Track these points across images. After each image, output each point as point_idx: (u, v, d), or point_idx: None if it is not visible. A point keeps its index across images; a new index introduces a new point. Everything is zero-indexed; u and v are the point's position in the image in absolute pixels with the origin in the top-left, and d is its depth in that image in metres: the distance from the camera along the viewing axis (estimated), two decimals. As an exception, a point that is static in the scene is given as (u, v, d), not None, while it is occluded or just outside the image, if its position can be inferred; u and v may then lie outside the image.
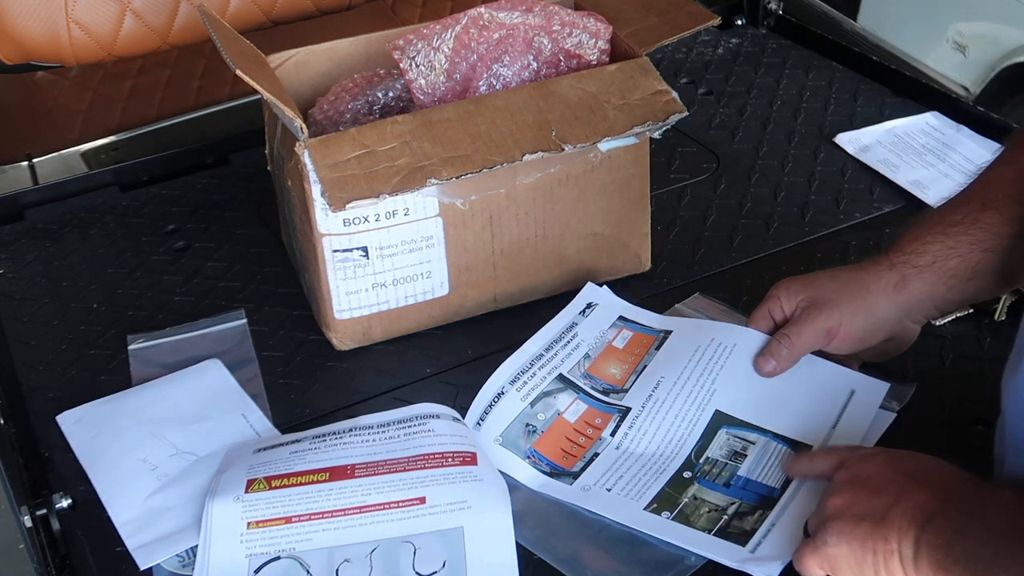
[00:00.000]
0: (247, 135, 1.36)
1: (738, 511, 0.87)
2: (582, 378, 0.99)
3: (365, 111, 1.08)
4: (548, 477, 0.92)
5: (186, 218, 1.29)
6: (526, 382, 0.98)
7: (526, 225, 1.07)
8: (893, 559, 0.73)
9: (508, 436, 0.94)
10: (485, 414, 0.95)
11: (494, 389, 0.97)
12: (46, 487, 0.93)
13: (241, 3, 1.51)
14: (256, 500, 0.86)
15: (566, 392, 0.98)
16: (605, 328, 1.04)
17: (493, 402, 0.96)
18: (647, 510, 0.88)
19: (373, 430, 0.92)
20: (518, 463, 0.93)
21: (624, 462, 0.92)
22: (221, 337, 1.10)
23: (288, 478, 0.87)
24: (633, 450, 0.93)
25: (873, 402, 0.93)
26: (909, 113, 1.40)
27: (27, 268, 1.23)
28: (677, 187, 1.29)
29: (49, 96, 1.75)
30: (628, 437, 0.94)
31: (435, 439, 0.91)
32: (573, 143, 1.00)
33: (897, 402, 0.95)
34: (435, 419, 0.93)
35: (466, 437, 0.92)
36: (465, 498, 0.86)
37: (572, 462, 0.93)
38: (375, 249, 1.02)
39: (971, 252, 0.90)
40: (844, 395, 0.94)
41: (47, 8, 1.41)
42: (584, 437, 0.95)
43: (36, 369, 1.08)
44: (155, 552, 0.87)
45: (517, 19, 1.07)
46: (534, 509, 0.89)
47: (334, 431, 0.93)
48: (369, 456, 0.89)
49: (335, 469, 0.88)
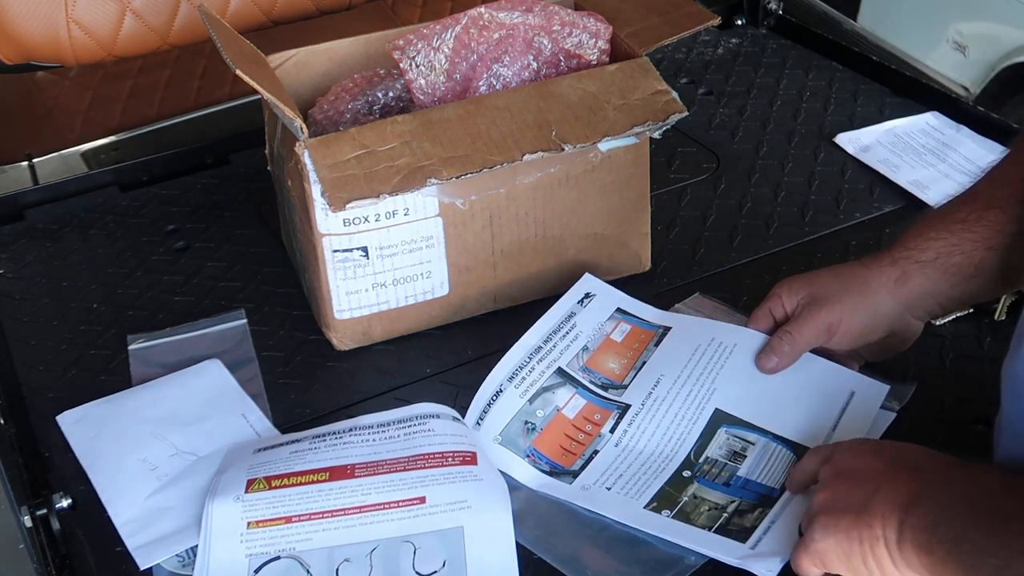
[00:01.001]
0: (247, 135, 1.36)
1: (738, 509, 0.87)
2: (580, 371, 0.99)
3: (365, 111, 1.08)
4: (548, 476, 0.92)
5: (186, 218, 1.29)
6: (524, 377, 0.98)
7: (526, 225, 1.07)
8: (879, 545, 0.73)
9: (507, 435, 0.94)
10: (484, 413, 0.95)
11: (492, 387, 0.97)
12: (46, 487, 0.93)
13: (241, 3, 1.51)
14: (256, 500, 0.86)
15: (565, 387, 0.98)
16: (603, 320, 1.04)
17: (492, 400, 0.96)
18: (647, 508, 0.88)
19: (373, 430, 0.92)
20: (518, 463, 0.93)
21: (624, 460, 0.92)
22: (221, 337, 1.10)
23: (288, 478, 0.87)
24: (632, 447, 0.93)
25: (873, 403, 0.93)
26: (909, 113, 1.40)
27: (27, 268, 1.23)
28: (677, 187, 1.29)
29: (49, 96, 1.75)
30: (627, 435, 0.94)
31: (435, 438, 0.91)
32: (573, 143, 1.00)
33: (897, 402, 0.95)
34: (435, 419, 0.93)
35: (466, 437, 0.92)
36: (465, 498, 0.86)
37: (572, 460, 0.93)
38: (375, 249, 1.02)
39: (975, 249, 0.90)
40: (844, 396, 0.94)
41: (47, 8, 1.41)
42: (583, 434, 0.95)
43: (36, 369, 1.08)
44: (155, 552, 0.87)
45: (517, 19, 1.07)
46: (534, 509, 0.89)
47: (334, 431, 0.93)
48: (369, 456, 0.89)
49: (335, 469, 0.88)
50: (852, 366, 0.97)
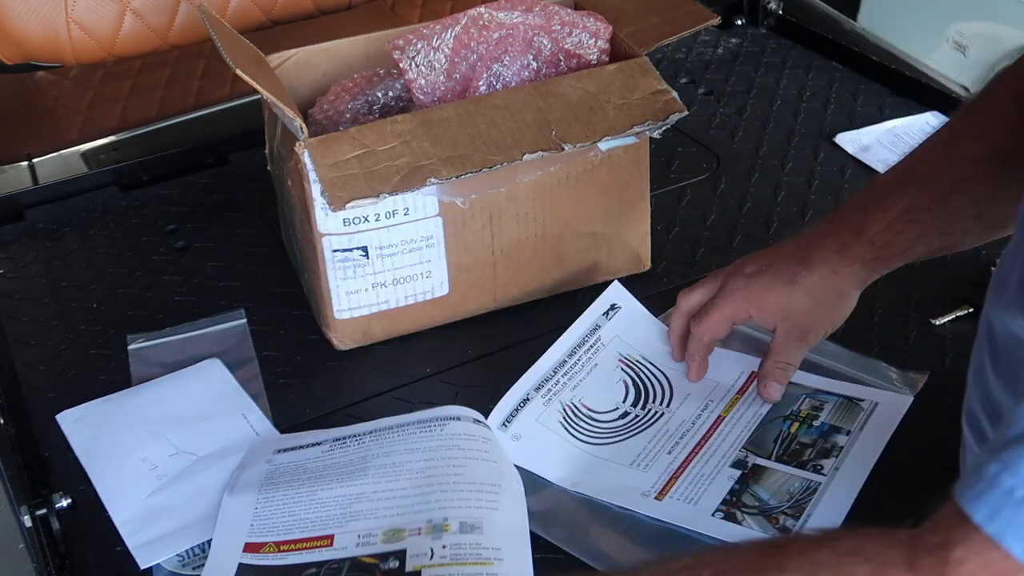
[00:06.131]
0: (247, 135, 1.36)
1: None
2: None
3: (365, 111, 1.08)
4: (584, 445, 0.92)
5: (186, 218, 1.29)
6: (550, 389, 0.97)
7: (526, 225, 1.07)
8: None
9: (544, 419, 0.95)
10: (511, 417, 0.95)
11: (520, 395, 0.96)
12: (46, 487, 0.93)
13: (241, 3, 1.51)
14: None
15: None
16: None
17: (519, 407, 0.95)
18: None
19: (393, 431, 0.92)
20: (550, 445, 0.92)
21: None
22: (221, 337, 1.10)
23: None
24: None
25: (895, 415, 0.93)
26: (909, 113, 1.40)
27: (27, 268, 1.23)
28: (677, 187, 1.29)
29: (49, 96, 1.75)
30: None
31: (456, 441, 0.90)
32: (573, 143, 1.00)
33: (910, 389, 0.96)
34: (455, 421, 0.92)
35: (488, 441, 0.91)
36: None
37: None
38: (375, 249, 1.02)
39: (938, 238, 0.90)
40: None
41: (47, 8, 1.41)
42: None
43: (36, 369, 1.08)
44: (155, 551, 0.87)
45: (517, 19, 1.07)
46: (561, 507, 0.89)
47: (355, 433, 0.93)
48: (387, 467, 0.88)
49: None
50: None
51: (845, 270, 0.92)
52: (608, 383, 0.99)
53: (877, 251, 0.91)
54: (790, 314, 0.93)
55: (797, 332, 0.94)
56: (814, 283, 0.92)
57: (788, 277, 0.93)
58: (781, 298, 0.93)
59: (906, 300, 1.09)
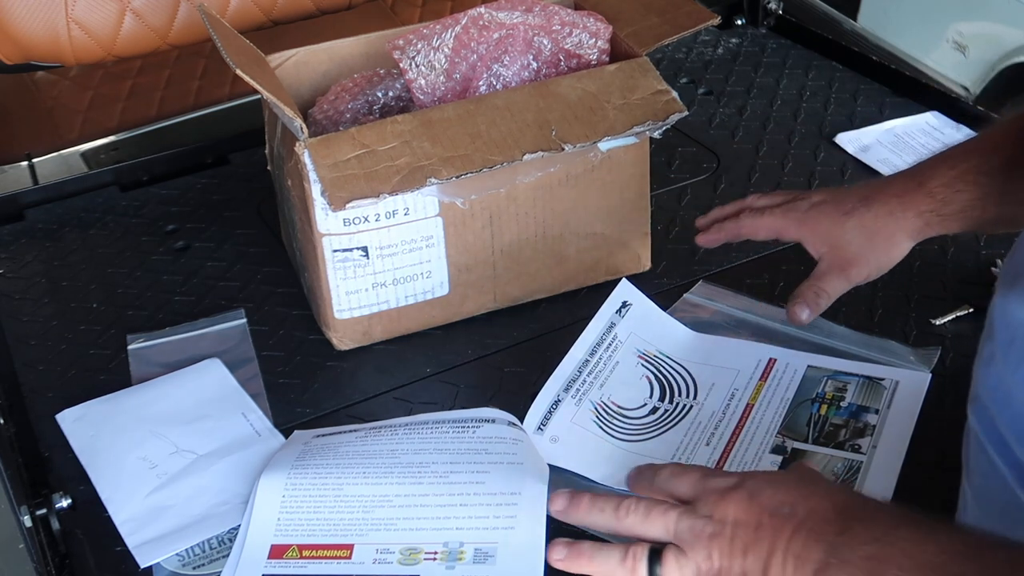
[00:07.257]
0: (247, 135, 1.36)
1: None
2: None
3: (365, 111, 1.08)
4: (623, 443, 0.93)
5: (186, 218, 1.29)
6: (579, 389, 0.98)
7: (526, 225, 1.07)
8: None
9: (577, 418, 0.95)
10: (546, 420, 0.95)
11: (550, 396, 0.96)
12: (46, 487, 0.93)
13: (241, 3, 1.51)
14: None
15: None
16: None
17: (551, 409, 0.95)
18: None
19: (428, 426, 0.93)
20: (593, 443, 0.93)
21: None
22: (221, 337, 1.10)
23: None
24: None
25: (918, 393, 0.95)
26: (909, 113, 1.40)
27: (27, 268, 1.23)
28: (677, 187, 1.29)
29: (49, 96, 1.75)
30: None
31: (489, 444, 0.90)
32: (573, 143, 1.00)
33: (926, 365, 0.98)
34: (489, 423, 0.92)
35: (521, 442, 0.91)
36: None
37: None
38: (375, 249, 1.02)
39: (998, 207, 0.90)
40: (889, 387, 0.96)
41: (47, 8, 1.41)
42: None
43: (36, 369, 1.08)
44: (155, 550, 0.87)
45: (517, 19, 1.07)
46: None
47: (390, 425, 0.94)
48: (416, 465, 0.89)
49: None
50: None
51: (900, 214, 0.94)
52: (632, 380, 0.99)
53: (935, 204, 0.93)
54: (839, 243, 0.96)
55: (840, 262, 0.95)
56: (869, 219, 0.96)
57: (846, 209, 0.97)
58: (833, 227, 0.97)
59: (906, 300, 1.09)
